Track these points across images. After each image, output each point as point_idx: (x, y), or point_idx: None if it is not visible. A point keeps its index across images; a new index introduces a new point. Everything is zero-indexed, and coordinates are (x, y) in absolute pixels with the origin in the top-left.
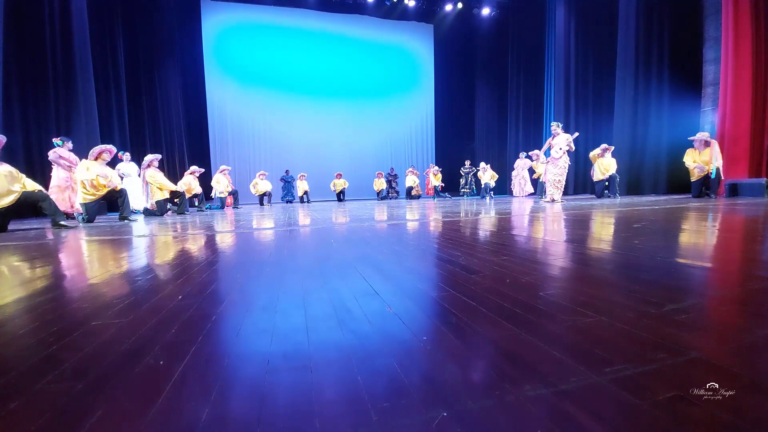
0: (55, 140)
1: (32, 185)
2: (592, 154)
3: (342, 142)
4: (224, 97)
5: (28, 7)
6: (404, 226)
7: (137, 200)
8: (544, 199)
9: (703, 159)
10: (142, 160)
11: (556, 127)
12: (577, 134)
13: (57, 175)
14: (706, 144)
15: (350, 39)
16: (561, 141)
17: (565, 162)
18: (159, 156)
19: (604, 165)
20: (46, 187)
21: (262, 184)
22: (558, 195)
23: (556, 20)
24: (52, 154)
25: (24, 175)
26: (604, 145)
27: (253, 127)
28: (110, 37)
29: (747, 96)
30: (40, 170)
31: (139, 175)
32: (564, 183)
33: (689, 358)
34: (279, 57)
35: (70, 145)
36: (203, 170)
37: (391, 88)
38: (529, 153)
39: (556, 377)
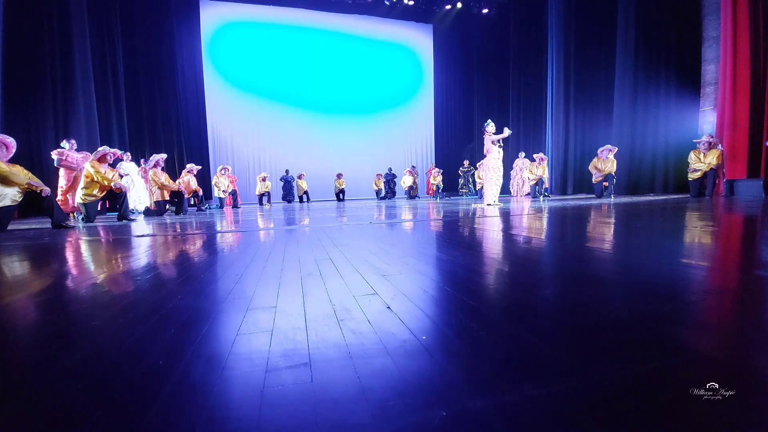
0: (63, 143)
1: (37, 183)
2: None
3: (342, 143)
4: (223, 97)
5: (28, 8)
6: (403, 226)
7: (138, 200)
8: (481, 204)
9: (707, 160)
10: (141, 159)
11: (487, 126)
12: (510, 131)
13: (61, 175)
14: (710, 145)
15: (350, 38)
16: (487, 141)
17: (494, 163)
18: (165, 155)
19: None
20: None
21: (262, 185)
22: (492, 198)
23: (555, 20)
24: (56, 155)
25: (29, 173)
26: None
27: (252, 126)
28: (109, 37)
29: (746, 95)
30: (39, 170)
31: (140, 175)
32: (499, 185)
33: (689, 358)
34: (278, 56)
35: (73, 144)
36: (200, 167)
37: (391, 88)
38: (534, 155)
39: (556, 377)
